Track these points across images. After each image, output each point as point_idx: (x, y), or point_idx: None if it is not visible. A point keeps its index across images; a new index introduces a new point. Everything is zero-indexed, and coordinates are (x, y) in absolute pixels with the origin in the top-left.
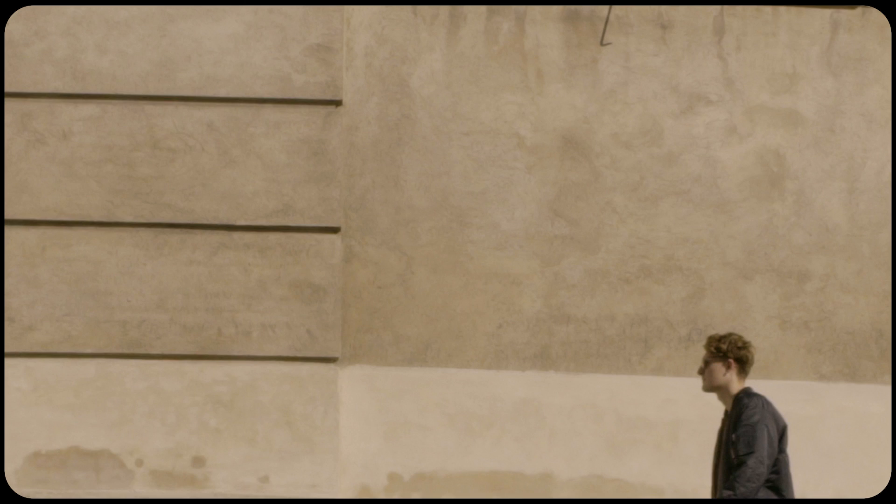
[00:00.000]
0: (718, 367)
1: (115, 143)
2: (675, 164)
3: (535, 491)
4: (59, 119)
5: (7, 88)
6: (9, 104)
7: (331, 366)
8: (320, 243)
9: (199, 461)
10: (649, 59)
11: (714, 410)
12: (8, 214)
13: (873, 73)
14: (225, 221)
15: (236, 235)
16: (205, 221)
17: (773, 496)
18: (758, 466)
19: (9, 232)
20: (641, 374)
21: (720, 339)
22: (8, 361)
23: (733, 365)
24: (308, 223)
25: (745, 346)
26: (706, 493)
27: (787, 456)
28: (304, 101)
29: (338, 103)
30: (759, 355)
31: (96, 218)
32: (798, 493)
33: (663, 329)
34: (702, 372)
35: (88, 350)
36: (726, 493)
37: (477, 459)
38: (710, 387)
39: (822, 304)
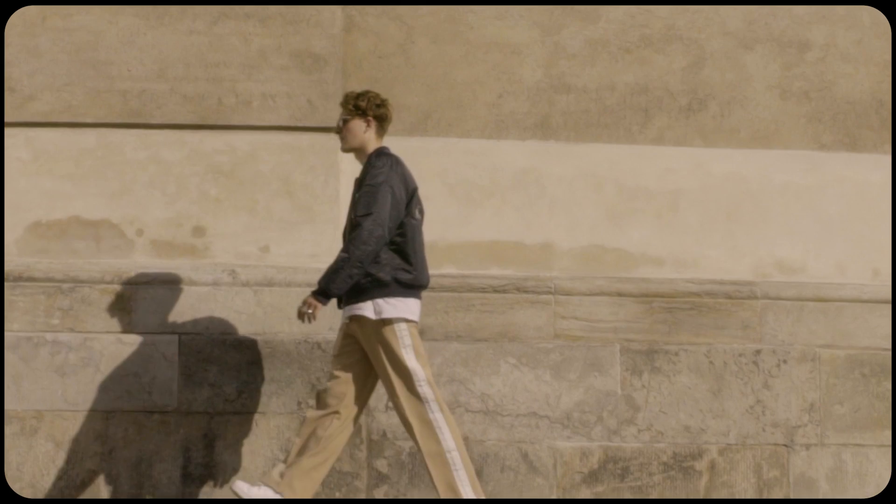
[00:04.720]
0: (358, 125)
1: None
2: None
3: (536, 260)
4: None
5: None
6: None
7: (331, 135)
8: (321, 13)
9: (199, 231)
10: None
11: (714, 179)
12: None
13: None
14: None
15: (237, 5)
16: None
17: (397, 259)
18: (375, 229)
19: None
20: (642, 144)
21: (358, 96)
22: (8, 131)
23: (372, 123)
24: None
25: (384, 103)
26: (706, 264)
27: (417, 220)
28: None
29: None
30: (759, 125)
31: None
32: (798, 262)
33: (663, 98)
34: (339, 131)
35: (89, 120)
36: (341, 255)
37: (477, 229)
38: (348, 147)
39: (823, 74)
